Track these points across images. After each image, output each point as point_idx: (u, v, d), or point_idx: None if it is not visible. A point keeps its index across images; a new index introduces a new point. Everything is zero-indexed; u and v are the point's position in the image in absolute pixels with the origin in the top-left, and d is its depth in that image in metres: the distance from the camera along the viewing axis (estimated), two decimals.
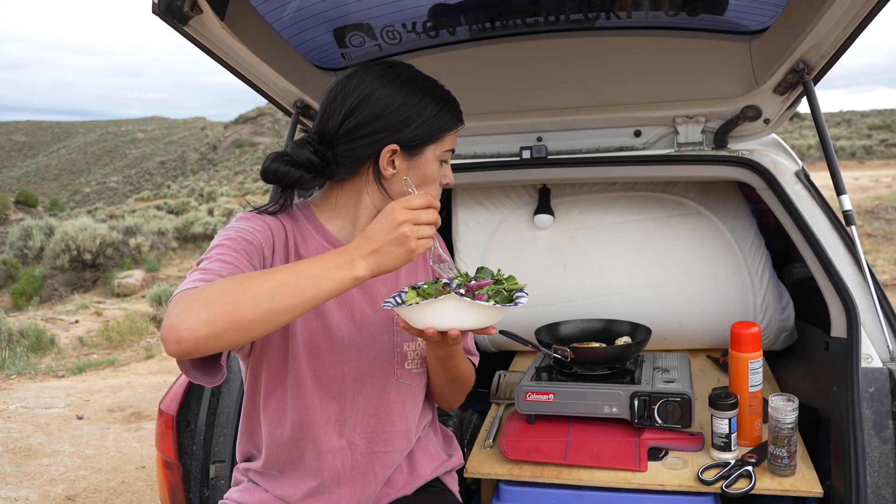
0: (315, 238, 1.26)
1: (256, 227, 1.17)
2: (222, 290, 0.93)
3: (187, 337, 0.90)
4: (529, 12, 1.72)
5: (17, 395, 5.00)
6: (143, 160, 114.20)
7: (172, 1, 1.31)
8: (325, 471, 1.26)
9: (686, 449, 1.56)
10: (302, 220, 1.27)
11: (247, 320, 0.93)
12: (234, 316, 0.92)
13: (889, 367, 1.37)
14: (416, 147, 1.21)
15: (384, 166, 1.20)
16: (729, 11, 1.64)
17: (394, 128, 1.18)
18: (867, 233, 10.00)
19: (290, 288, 0.95)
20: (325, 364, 1.24)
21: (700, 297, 2.02)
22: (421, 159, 1.22)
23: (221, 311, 0.91)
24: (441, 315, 1.08)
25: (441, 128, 1.22)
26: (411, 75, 1.23)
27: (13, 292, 10.86)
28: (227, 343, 0.93)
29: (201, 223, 15.30)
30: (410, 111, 1.19)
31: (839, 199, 1.52)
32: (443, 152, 1.25)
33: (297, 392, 1.24)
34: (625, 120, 1.88)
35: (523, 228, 2.14)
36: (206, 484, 1.60)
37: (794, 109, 1.79)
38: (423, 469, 1.36)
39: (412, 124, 1.19)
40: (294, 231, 1.24)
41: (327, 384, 1.25)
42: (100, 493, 3.29)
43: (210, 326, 0.91)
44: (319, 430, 1.25)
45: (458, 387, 1.39)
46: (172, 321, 0.92)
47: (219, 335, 0.92)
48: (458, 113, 1.26)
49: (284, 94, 1.81)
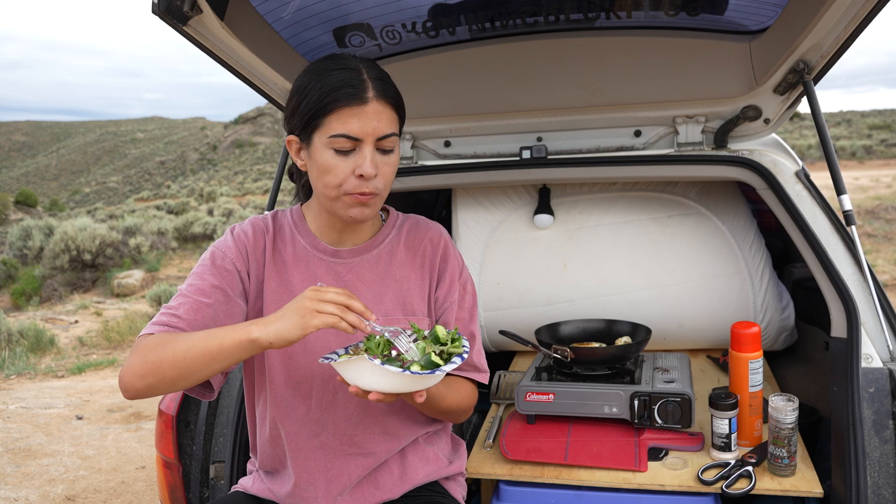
0: (299, 241, 1.31)
1: (228, 243, 1.27)
2: (152, 350, 1.10)
3: (129, 388, 1.11)
4: (529, 12, 1.72)
5: (16, 395, 5.00)
6: (143, 160, 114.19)
7: (172, 1, 1.31)
8: (299, 469, 1.28)
9: (686, 449, 1.56)
10: (289, 224, 1.33)
11: (169, 377, 1.09)
12: (159, 373, 1.09)
13: (889, 367, 1.37)
14: (306, 135, 1.18)
15: (295, 159, 1.24)
16: (729, 11, 1.64)
17: (289, 118, 1.21)
18: (867, 233, 10.00)
19: (199, 349, 1.08)
20: (299, 364, 1.27)
21: (700, 297, 2.02)
22: (313, 148, 1.18)
23: (150, 369, 1.09)
24: (360, 376, 1.07)
25: (318, 111, 1.14)
26: (318, 65, 1.19)
27: (13, 292, 10.86)
28: (161, 391, 1.11)
29: (201, 223, 15.29)
30: (299, 100, 1.18)
31: (839, 199, 1.52)
32: (329, 139, 1.15)
33: (272, 391, 1.28)
34: (625, 120, 1.88)
35: (523, 228, 2.14)
36: (206, 484, 1.60)
37: (794, 109, 1.79)
38: (416, 473, 1.34)
39: (297, 111, 1.18)
40: (276, 236, 1.31)
41: (299, 383, 1.27)
42: (99, 494, 3.28)
43: (143, 381, 1.10)
44: (292, 429, 1.28)
45: (451, 416, 1.34)
46: (121, 372, 1.12)
47: (152, 387, 1.10)
48: (342, 93, 1.13)
49: (284, 94, 1.81)
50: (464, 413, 1.35)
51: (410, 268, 1.34)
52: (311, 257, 1.30)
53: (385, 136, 1.17)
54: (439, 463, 1.39)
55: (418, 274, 1.34)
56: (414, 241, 1.36)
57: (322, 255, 1.30)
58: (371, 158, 1.16)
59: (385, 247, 1.34)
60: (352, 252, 1.31)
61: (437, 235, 1.37)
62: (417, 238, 1.36)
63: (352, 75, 1.15)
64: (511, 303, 2.12)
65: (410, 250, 1.35)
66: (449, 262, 1.36)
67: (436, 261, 1.35)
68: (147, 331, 1.15)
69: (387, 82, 1.20)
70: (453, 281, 1.35)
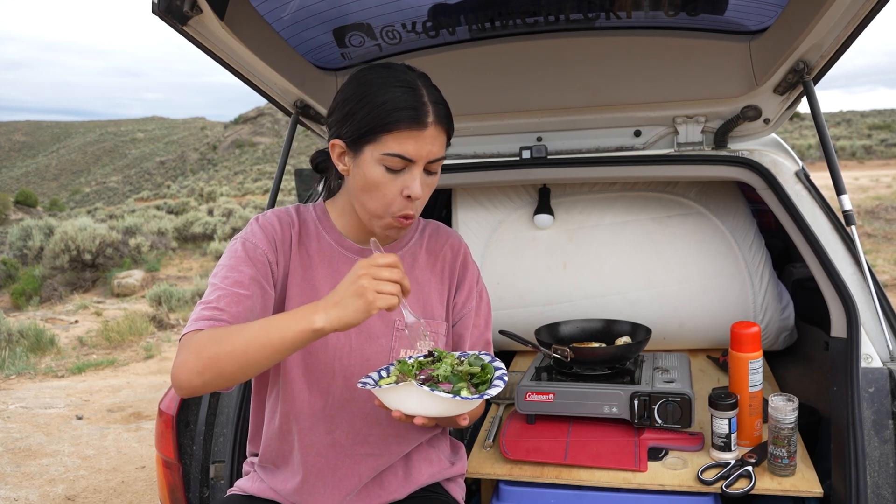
0: (324, 237, 1.30)
1: (257, 234, 1.24)
2: (207, 345, 1.07)
3: (185, 386, 1.08)
4: (529, 12, 1.72)
5: (16, 395, 5.00)
6: (143, 160, 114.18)
7: (172, 1, 1.31)
8: (308, 466, 1.27)
9: (686, 449, 1.56)
10: (314, 220, 1.31)
11: (228, 372, 1.06)
12: (217, 368, 1.05)
13: (889, 367, 1.37)
14: (356, 144, 1.17)
15: (336, 161, 1.23)
16: (729, 11, 1.64)
17: (339, 123, 1.19)
18: (867, 233, 10.00)
19: (260, 342, 1.04)
20: (318, 359, 1.26)
21: (700, 297, 2.02)
22: (361, 159, 1.17)
23: (208, 365, 1.05)
24: (405, 401, 1.05)
25: (377, 126, 1.13)
26: (380, 74, 1.17)
27: (13, 292, 10.86)
28: (219, 387, 1.08)
29: (201, 223, 15.29)
30: (354, 107, 1.16)
31: (839, 199, 1.52)
32: (383, 156, 1.14)
33: (286, 384, 1.27)
34: (625, 120, 1.88)
35: (523, 228, 2.14)
36: (206, 484, 1.60)
37: (794, 109, 1.79)
38: (420, 474, 1.35)
39: (351, 119, 1.17)
40: (301, 230, 1.29)
41: (317, 379, 1.27)
42: (99, 494, 3.28)
43: (201, 377, 1.06)
44: (305, 424, 1.27)
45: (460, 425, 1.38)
46: (174, 371, 1.09)
47: (209, 383, 1.07)
48: (404, 115, 1.13)
49: (284, 94, 1.81)
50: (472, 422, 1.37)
51: (431, 272, 1.35)
52: (336, 254, 1.29)
53: (436, 159, 1.18)
54: (441, 464, 1.40)
55: (438, 278, 1.35)
56: (435, 246, 1.37)
57: (348, 252, 1.30)
58: (421, 180, 1.17)
59: (408, 250, 1.35)
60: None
61: (458, 242, 1.40)
62: (439, 243, 1.38)
63: (414, 97, 1.14)
64: (511, 303, 2.12)
65: (432, 255, 1.36)
66: (468, 269, 1.38)
67: (455, 266, 1.37)
68: (192, 327, 1.12)
69: (444, 106, 1.20)
70: (472, 288, 1.37)
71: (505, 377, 1.11)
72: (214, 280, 1.18)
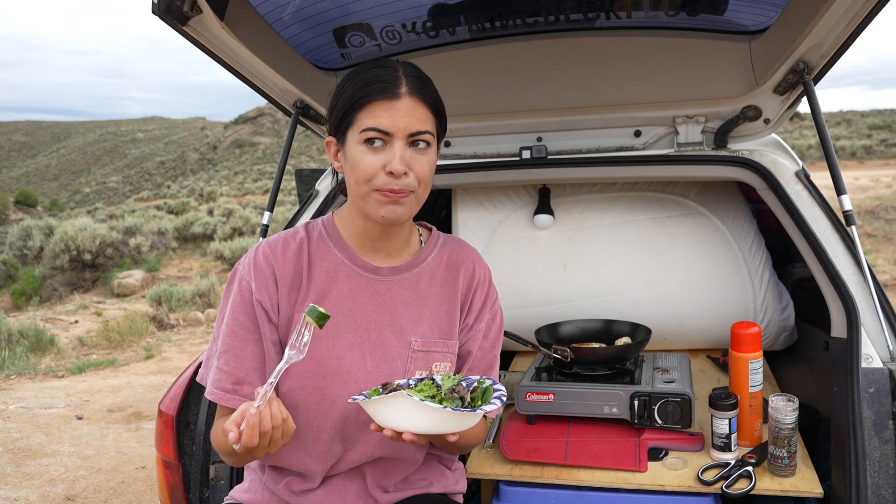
0: (330, 251, 1.26)
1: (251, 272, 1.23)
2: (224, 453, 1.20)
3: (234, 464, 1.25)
4: (529, 12, 1.72)
5: (16, 395, 5.00)
6: (143, 160, 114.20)
7: (172, 1, 1.31)
8: (318, 472, 1.26)
9: (686, 449, 1.56)
10: (321, 235, 1.27)
11: (244, 459, 1.15)
12: (245, 459, 1.14)
13: (889, 368, 1.37)
14: (341, 134, 1.17)
15: (332, 160, 1.23)
16: (729, 11, 1.64)
17: (329, 120, 1.20)
18: (867, 233, 9.99)
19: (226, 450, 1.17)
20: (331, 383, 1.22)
21: (700, 297, 2.02)
22: (347, 147, 1.16)
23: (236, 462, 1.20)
24: (393, 414, 1.02)
25: (351, 107, 1.13)
26: (357, 67, 1.18)
27: (13, 292, 10.86)
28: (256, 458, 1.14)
29: (201, 223, 15.29)
30: (335, 101, 1.17)
31: (839, 199, 1.52)
32: (360, 133, 1.12)
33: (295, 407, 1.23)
34: (625, 120, 1.88)
35: (523, 228, 2.14)
36: (206, 484, 1.60)
37: (794, 109, 1.79)
38: (422, 483, 1.35)
39: (333, 111, 1.18)
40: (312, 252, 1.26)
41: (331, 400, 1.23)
42: (99, 494, 3.28)
43: (238, 462, 1.20)
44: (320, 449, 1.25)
45: (461, 449, 1.34)
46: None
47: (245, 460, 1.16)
48: (374, 88, 1.12)
49: (284, 94, 1.81)
50: (472, 447, 1.38)
51: (451, 288, 1.30)
52: (349, 273, 1.25)
53: (417, 132, 1.13)
54: (445, 466, 1.40)
55: (455, 296, 1.30)
56: (456, 262, 1.32)
57: (362, 270, 1.25)
58: (401, 154, 1.12)
59: (426, 266, 1.29)
60: (392, 270, 1.26)
61: (479, 260, 1.35)
62: (459, 259, 1.32)
63: (386, 72, 1.14)
64: (511, 303, 2.12)
65: (452, 271, 1.31)
66: (486, 289, 1.33)
67: (472, 284, 1.32)
68: (207, 389, 1.22)
69: (423, 81, 1.17)
70: (484, 309, 1.32)
71: (503, 398, 1.09)
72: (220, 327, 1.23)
